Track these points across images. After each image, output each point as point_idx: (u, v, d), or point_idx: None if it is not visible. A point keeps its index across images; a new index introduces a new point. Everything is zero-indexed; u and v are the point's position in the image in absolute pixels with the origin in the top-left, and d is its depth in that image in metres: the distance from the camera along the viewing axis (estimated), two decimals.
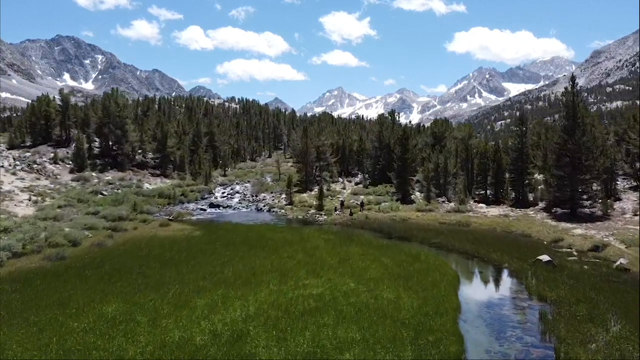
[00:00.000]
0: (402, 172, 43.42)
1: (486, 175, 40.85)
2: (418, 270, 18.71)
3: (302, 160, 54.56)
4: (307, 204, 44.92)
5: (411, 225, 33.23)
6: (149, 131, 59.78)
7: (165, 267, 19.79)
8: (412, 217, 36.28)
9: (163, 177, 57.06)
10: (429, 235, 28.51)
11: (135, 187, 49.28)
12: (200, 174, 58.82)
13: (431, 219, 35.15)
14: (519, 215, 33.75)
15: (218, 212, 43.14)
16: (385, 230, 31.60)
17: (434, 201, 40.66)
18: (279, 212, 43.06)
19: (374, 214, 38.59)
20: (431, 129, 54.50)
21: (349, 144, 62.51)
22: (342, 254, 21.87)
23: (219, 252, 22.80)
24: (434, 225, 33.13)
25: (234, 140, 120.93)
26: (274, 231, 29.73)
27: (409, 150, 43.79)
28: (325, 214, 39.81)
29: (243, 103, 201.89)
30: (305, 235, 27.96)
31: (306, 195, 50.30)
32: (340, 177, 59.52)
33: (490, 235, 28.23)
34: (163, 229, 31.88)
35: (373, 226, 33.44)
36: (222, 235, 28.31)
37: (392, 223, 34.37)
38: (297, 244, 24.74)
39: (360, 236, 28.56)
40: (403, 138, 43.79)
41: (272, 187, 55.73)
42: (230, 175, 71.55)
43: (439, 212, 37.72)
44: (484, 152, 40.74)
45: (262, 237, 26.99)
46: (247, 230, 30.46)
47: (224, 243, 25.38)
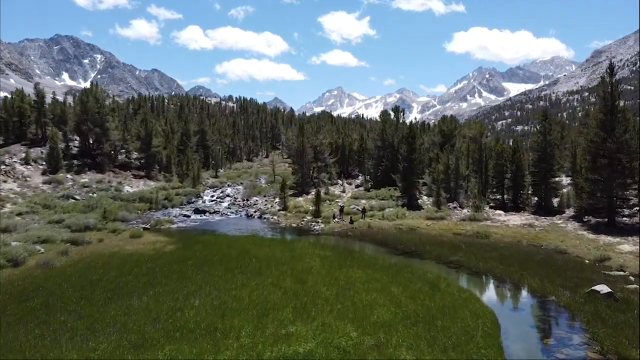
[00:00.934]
0: (409, 174, 38.97)
1: (503, 178, 36.40)
2: (440, 307, 14.24)
3: (298, 160, 50.11)
4: (302, 209, 40.48)
5: (421, 236, 28.77)
6: (134, 129, 55.27)
7: (113, 299, 15.31)
8: (421, 227, 31.81)
9: (147, 178, 52.57)
10: (444, 251, 24.03)
11: (114, 191, 44.81)
12: (188, 176, 54.36)
13: (443, 229, 30.68)
14: (546, 225, 29.27)
15: (203, 219, 38.65)
16: (391, 242, 27.13)
17: (445, 207, 36.20)
18: (271, 218, 38.59)
19: (377, 222, 34.12)
20: (439, 127, 50.07)
21: (349, 143, 58.05)
22: (341, 280, 17.40)
23: (188, 276, 18.33)
24: (448, 236, 28.66)
25: (230, 139, 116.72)
26: (261, 245, 25.24)
27: (415, 149, 39.33)
28: (322, 222, 35.35)
29: (240, 102, 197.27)
30: (298, 250, 23.49)
31: (302, 200, 45.82)
32: (339, 179, 55.06)
33: (518, 251, 23.75)
34: (133, 241, 27.40)
35: (377, 237, 28.98)
36: (199, 250, 23.85)
37: (399, 234, 29.91)
38: (286, 264, 20.29)
39: (363, 252, 24.09)
40: (409, 136, 39.33)
41: (266, 190, 51.28)
42: (222, 176, 67.14)
43: (451, 220, 33.25)
44: (500, 152, 36.27)
45: (246, 254, 22.53)
46: (230, 243, 25.98)
47: (198, 262, 20.93)
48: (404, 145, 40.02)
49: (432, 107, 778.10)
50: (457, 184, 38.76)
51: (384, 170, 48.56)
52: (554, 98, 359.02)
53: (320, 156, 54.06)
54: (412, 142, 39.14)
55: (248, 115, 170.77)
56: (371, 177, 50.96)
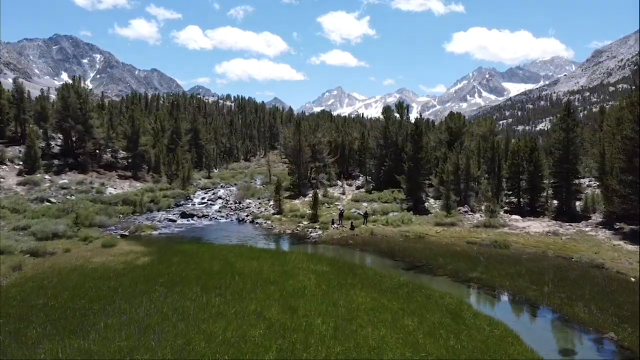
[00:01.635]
0: (415, 175, 35.63)
1: (519, 180, 33.05)
2: (470, 350, 10.91)
3: (295, 160, 46.77)
4: (299, 213, 37.15)
5: (431, 245, 25.42)
6: (120, 126, 51.90)
7: (50, 337, 11.96)
8: (430, 234, 28.47)
9: (134, 179, 49.20)
10: (460, 264, 20.70)
11: (95, 193, 41.44)
12: (177, 177, 51.00)
13: (456, 237, 27.34)
14: (573, 233, 25.92)
15: (189, 225, 35.31)
16: (398, 253, 23.79)
17: (455, 211, 32.86)
18: (264, 223, 35.24)
19: (380, 228, 30.79)
20: (446, 124, 46.73)
21: (349, 142, 54.67)
22: (341, 307, 14.08)
23: (155, 300, 15.00)
24: (461, 245, 25.32)
25: (226, 139, 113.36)
26: (249, 257, 21.87)
27: (422, 148, 35.98)
28: (320, 227, 32.02)
29: (239, 101, 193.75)
30: (290, 264, 20.15)
31: (298, 202, 42.48)
32: (339, 180, 51.74)
33: (546, 266, 20.41)
34: (104, 251, 24.07)
35: (381, 247, 25.64)
36: (176, 263, 20.53)
37: (406, 242, 26.57)
38: (275, 282, 16.97)
39: (366, 266, 20.74)
40: (415, 134, 35.98)
41: (260, 192, 47.92)
42: (215, 177, 63.80)
43: (463, 226, 29.91)
44: (516, 151, 32.93)
45: (230, 269, 19.21)
46: (214, 254, 22.63)
47: (171, 279, 17.61)
48: (409, 143, 36.68)
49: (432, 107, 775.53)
50: (467, 186, 35.43)
51: (386, 170, 45.22)
52: (555, 98, 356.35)
53: (318, 155, 50.72)
54: (419, 139, 35.79)
55: (246, 114, 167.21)
56: (373, 178, 47.62)
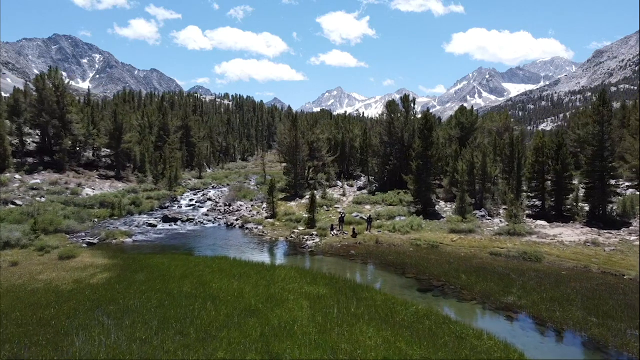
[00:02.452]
0: (424, 175, 31.68)
1: (543, 180, 29.09)
2: None
3: (291, 158, 42.81)
4: (294, 217, 33.22)
5: (448, 257, 21.48)
6: (102, 122, 47.95)
7: None
8: (445, 242, 24.53)
9: (116, 179, 45.24)
10: (488, 284, 16.75)
11: (70, 194, 37.47)
12: (164, 176, 47.06)
13: (476, 246, 23.40)
14: (615, 243, 21.98)
15: (170, 230, 31.35)
16: (409, 267, 19.85)
17: (471, 216, 28.91)
18: (254, 229, 31.30)
19: (387, 235, 26.86)
20: (456, 119, 42.70)
21: (350, 139, 50.69)
22: (342, 355, 10.13)
23: (90, 340, 11.07)
24: (484, 257, 21.38)
25: (223, 137, 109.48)
26: (229, 274, 17.91)
27: (432, 144, 32.02)
28: (317, 234, 28.09)
29: (236, 99, 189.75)
30: (278, 284, 16.21)
31: (294, 205, 38.54)
32: (338, 181, 47.80)
33: (595, 286, 16.45)
34: (59, 264, 20.14)
35: (389, 259, 21.69)
36: (139, 282, 16.59)
37: (418, 253, 22.63)
38: (256, 313, 13.04)
39: (373, 287, 16.75)
40: (425, 128, 32.01)
41: (252, 193, 43.99)
42: (208, 177, 59.88)
43: (483, 233, 25.93)
44: (540, 148, 28.96)
45: (202, 291, 15.29)
46: (188, 269, 18.68)
47: (124, 308, 13.67)
48: (418, 139, 32.72)
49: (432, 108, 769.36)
50: (483, 187, 31.47)
51: (391, 170, 41.30)
52: (556, 98, 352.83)
53: (316, 154, 46.80)
54: (428, 134, 31.82)
55: (244, 112, 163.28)
56: (376, 178, 43.67)
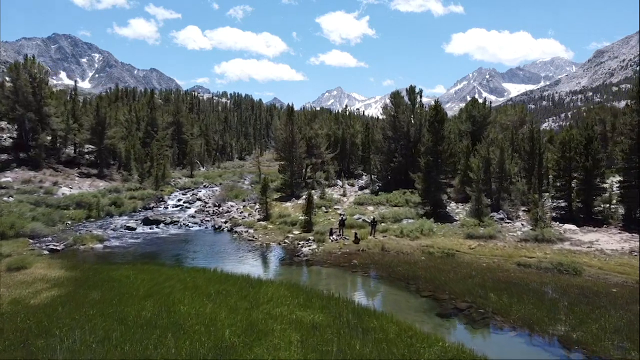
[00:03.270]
0: (434, 173, 28.28)
1: (570, 179, 25.70)
2: None
3: (287, 155, 39.44)
4: (289, 219, 29.83)
5: (469, 269, 18.10)
6: (84, 116, 44.57)
7: None
8: (462, 250, 21.16)
9: (98, 177, 41.88)
10: (528, 307, 13.36)
11: (43, 193, 34.12)
12: (151, 174, 43.70)
13: (499, 255, 20.02)
14: None
15: (150, 234, 27.98)
16: (424, 282, 16.47)
17: (489, 219, 25.53)
18: (244, 233, 27.91)
19: (394, 241, 23.49)
20: (467, 113, 39.25)
21: (351, 135, 47.28)
22: None
23: None
24: (511, 270, 18.00)
25: (219, 136, 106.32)
26: (205, 292, 14.49)
27: (444, 138, 28.62)
28: (314, 239, 24.71)
29: (235, 98, 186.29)
30: (263, 308, 12.81)
31: (290, 206, 35.17)
32: (338, 180, 44.41)
33: None
34: (3, 277, 16.77)
35: (398, 270, 18.31)
36: (89, 304, 13.21)
37: (431, 262, 19.26)
38: (228, 353, 9.65)
39: (382, 312, 13.35)
40: (435, 120, 28.61)
41: (245, 192, 40.62)
42: (200, 176, 56.49)
43: (505, 239, 22.54)
44: (567, 142, 25.56)
45: (167, 315, 11.91)
46: (155, 286, 15.27)
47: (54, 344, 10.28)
48: (427, 133, 29.32)
49: None
50: (501, 186, 28.08)
51: (396, 168, 37.93)
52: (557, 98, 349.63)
53: (315, 150, 43.44)
54: (439, 127, 28.42)
55: (242, 111, 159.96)
56: (379, 177, 40.29)
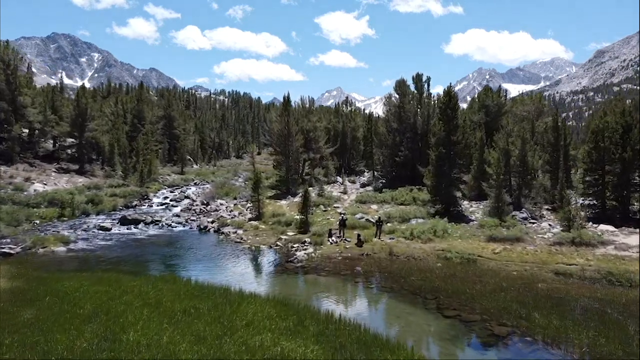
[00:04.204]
0: (446, 167, 25.03)
1: (604, 173, 22.49)
2: None
3: (283, 149, 36.21)
4: (283, 218, 26.60)
5: (496, 278, 14.87)
6: (64, 108, 41.34)
7: None
8: (484, 255, 17.93)
9: (78, 173, 38.67)
10: (587, 333, 10.12)
11: (12, 190, 30.85)
12: (136, 170, 40.48)
13: (530, 261, 16.79)
14: None
15: (126, 235, 24.73)
16: (446, 297, 13.23)
17: (510, 218, 22.29)
18: (232, 234, 24.67)
19: (403, 244, 20.26)
20: (480, 102, 35.89)
21: (352, 128, 44.02)
22: None
23: None
24: (548, 279, 14.78)
25: (216, 133, 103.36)
26: (166, 311, 11.20)
27: (458, 128, 25.37)
28: (311, 241, 21.50)
29: (233, 96, 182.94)
30: (238, 336, 9.50)
31: (285, 204, 31.94)
32: (339, 177, 41.17)
33: None
34: None
35: (410, 279, 15.07)
36: (17, 325, 9.93)
37: (449, 270, 16.02)
38: None
39: (396, 341, 10.08)
40: (448, 108, 25.34)
41: (237, 190, 37.40)
42: (192, 173, 53.30)
43: (534, 242, 19.30)
44: (601, 131, 22.33)
45: (108, 346, 8.62)
46: (108, 299, 11.96)
47: None
48: (439, 122, 26.03)
49: None
50: (523, 182, 24.84)
51: (401, 163, 34.70)
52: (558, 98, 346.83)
53: (313, 145, 40.22)
54: (453, 115, 25.17)
55: (240, 109, 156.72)
56: (383, 173, 37.05)
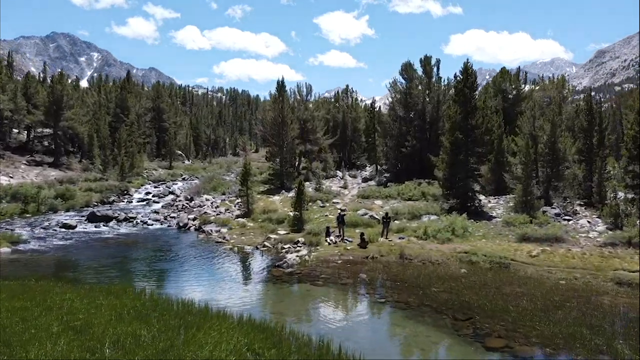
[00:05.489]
0: (463, 156, 21.51)
1: None
2: None
3: (276, 140, 32.71)
4: (275, 215, 23.11)
5: (542, 289, 11.42)
6: (38, 95, 37.84)
7: None
8: (518, 259, 14.45)
9: (52, 166, 35.28)
10: None
11: None
12: (118, 164, 36.99)
13: (579, 267, 13.33)
14: None
15: (92, 234, 21.27)
16: (483, 317, 9.74)
17: (542, 214, 18.79)
18: (214, 232, 21.18)
19: (416, 245, 16.78)
20: (496, 86, 32.09)
21: (353, 119, 40.49)
22: None
23: None
24: (609, 291, 11.35)
25: (211, 130, 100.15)
26: (92, 339, 7.63)
27: (476, 110, 21.85)
28: (305, 241, 18.02)
29: (231, 93, 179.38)
30: None
31: (278, 200, 28.43)
32: (338, 171, 37.64)
33: None
34: None
35: (432, 292, 11.60)
36: None
37: (478, 278, 12.55)
38: None
39: None
40: (465, 87, 21.81)
41: (225, 185, 33.90)
42: (181, 168, 49.87)
43: (578, 242, 15.81)
44: None
45: None
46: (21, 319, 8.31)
47: None
48: (454, 104, 22.52)
49: None
50: (554, 173, 21.35)
51: (408, 154, 31.18)
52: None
53: (310, 136, 36.73)
54: (470, 95, 21.66)
55: (237, 106, 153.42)
56: (388, 166, 33.53)
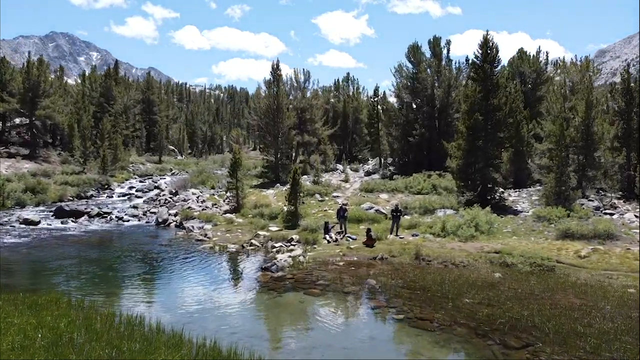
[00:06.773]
0: (482, 142, 18.60)
1: None
2: None
3: (271, 129, 29.80)
4: (267, 210, 20.22)
5: (605, 301, 8.54)
6: (12, 82, 34.89)
7: None
8: (563, 260, 11.55)
9: (26, 158, 32.35)
10: None
11: None
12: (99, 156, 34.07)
13: None
14: None
15: (55, 230, 18.36)
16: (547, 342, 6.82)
17: (579, 207, 15.91)
18: (195, 230, 18.25)
19: (433, 243, 13.88)
20: (514, 68, 28.78)
21: (354, 108, 37.53)
22: None
23: None
24: None
25: (208, 126, 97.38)
26: None
27: (499, 88, 18.92)
28: (299, 239, 15.13)
29: (229, 90, 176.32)
30: None
31: (272, 193, 25.53)
32: (338, 164, 34.72)
33: None
34: None
35: (465, 304, 8.67)
36: None
37: (519, 285, 9.63)
38: None
39: None
40: (486, 62, 18.86)
41: (215, 178, 31.02)
42: (172, 163, 46.97)
43: (635, 240, 12.92)
44: None
45: None
46: None
47: None
48: (472, 82, 19.60)
49: None
50: (588, 161, 18.48)
51: (416, 144, 28.28)
52: None
53: (308, 126, 33.82)
54: (491, 72, 18.74)
55: (235, 103, 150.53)
56: (394, 157, 30.60)
